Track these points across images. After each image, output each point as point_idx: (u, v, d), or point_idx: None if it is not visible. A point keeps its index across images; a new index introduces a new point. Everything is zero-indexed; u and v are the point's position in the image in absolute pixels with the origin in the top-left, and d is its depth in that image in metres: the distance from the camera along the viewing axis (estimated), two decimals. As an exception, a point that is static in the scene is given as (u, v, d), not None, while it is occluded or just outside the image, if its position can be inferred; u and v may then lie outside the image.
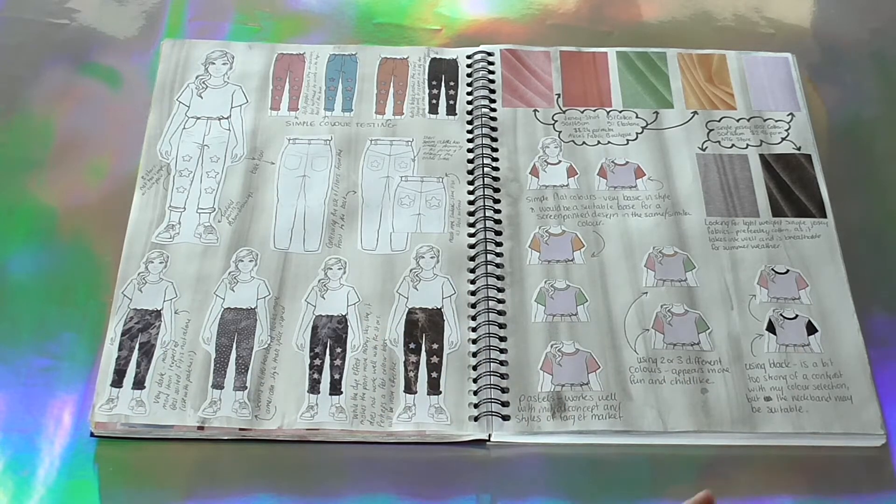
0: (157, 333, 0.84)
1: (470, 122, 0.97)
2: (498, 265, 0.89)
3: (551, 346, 0.84)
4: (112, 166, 0.95)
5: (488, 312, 0.86)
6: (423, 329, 0.86)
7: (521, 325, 0.85)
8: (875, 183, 0.95)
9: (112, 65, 1.02)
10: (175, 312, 0.85)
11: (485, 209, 0.92)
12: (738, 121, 0.97)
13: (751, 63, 1.01)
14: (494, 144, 0.96)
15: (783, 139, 0.96)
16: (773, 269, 0.88)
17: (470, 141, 0.96)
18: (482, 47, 1.02)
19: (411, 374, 0.83)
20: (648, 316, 0.86)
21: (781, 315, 0.85)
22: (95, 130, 0.97)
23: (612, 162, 0.95)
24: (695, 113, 0.98)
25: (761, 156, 0.95)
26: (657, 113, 0.98)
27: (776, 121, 0.97)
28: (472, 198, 0.93)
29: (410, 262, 0.89)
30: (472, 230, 0.91)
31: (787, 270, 0.88)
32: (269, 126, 0.97)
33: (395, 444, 0.81)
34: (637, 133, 0.97)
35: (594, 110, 0.98)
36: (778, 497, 0.80)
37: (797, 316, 0.85)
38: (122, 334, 0.84)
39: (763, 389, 0.82)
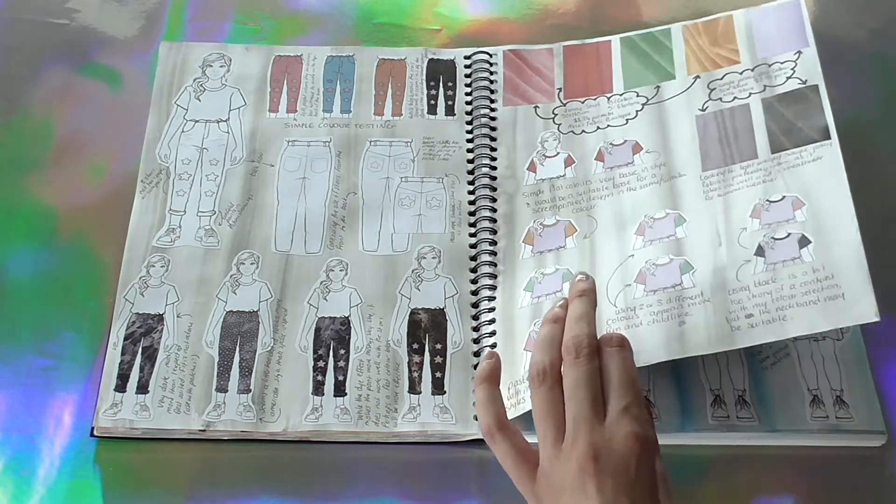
0: (160, 337, 0.84)
1: (469, 122, 0.97)
2: (493, 264, 0.89)
3: (534, 325, 0.83)
4: (112, 166, 0.95)
5: (489, 312, 0.86)
6: (427, 329, 0.86)
7: (507, 316, 0.85)
8: (875, 183, 0.95)
9: (112, 65, 1.02)
10: (177, 316, 0.86)
11: (483, 209, 0.92)
12: (741, 73, 0.94)
13: (758, 16, 0.97)
14: (493, 144, 0.96)
15: (788, 78, 0.92)
16: (767, 200, 0.85)
17: (469, 141, 0.96)
18: (484, 49, 1.01)
19: (415, 374, 0.84)
20: (632, 274, 0.84)
21: (772, 238, 0.82)
22: (95, 131, 0.97)
23: (610, 144, 0.94)
24: (696, 77, 0.95)
25: (763, 100, 0.92)
26: (658, 87, 0.96)
27: (782, 63, 0.93)
28: (472, 198, 0.93)
29: (412, 263, 0.89)
30: (473, 230, 0.91)
31: (783, 197, 0.85)
32: (268, 128, 0.97)
33: (397, 445, 0.82)
34: (637, 111, 0.95)
35: (595, 98, 0.97)
36: (778, 497, 0.80)
37: (789, 234, 0.82)
38: (125, 339, 0.84)
39: (745, 309, 0.79)
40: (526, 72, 1.00)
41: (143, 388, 0.82)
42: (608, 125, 0.95)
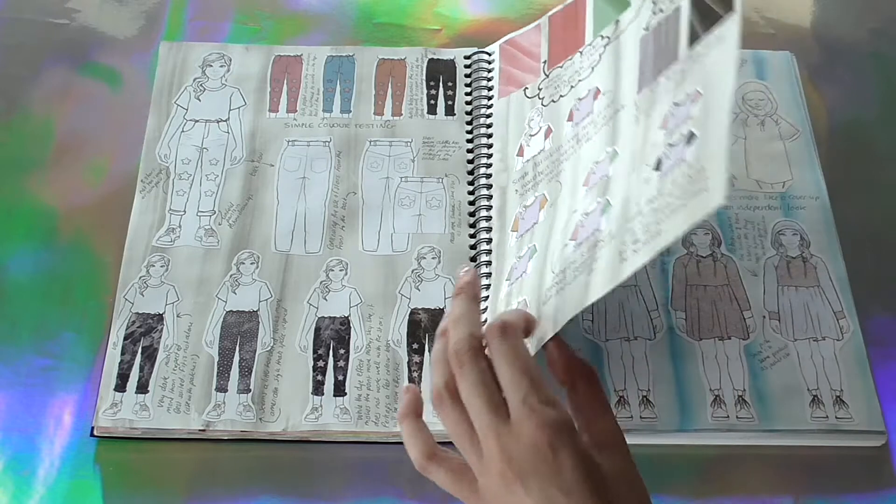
0: (160, 337, 0.84)
1: (469, 122, 0.97)
2: (488, 262, 0.88)
3: None
4: (112, 166, 0.95)
5: (487, 311, 0.86)
6: (427, 329, 0.86)
7: (495, 311, 0.84)
8: (875, 183, 0.95)
9: (112, 65, 1.02)
10: (177, 316, 0.85)
11: (482, 209, 0.91)
12: None
13: None
14: (490, 141, 0.95)
15: None
16: (674, 103, 0.73)
17: (469, 141, 0.96)
18: (484, 49, 1.01)
19: (415, 374, 0.84)
20: (570, 231, 0.79)
21: (668, 145, 0.71)
22: (95, 131, 0.97)
23: (577, 100, 0.89)
24: None
25: None
26: (618, 21, 0.88)
27: None
28: (472, 198, 0.93)
29: (412, 263, 0.89)
30: (473, 230, 0.91)
31: (686, 95, 0.72)
32: (268, 128, 0.97)
33: (397, 445, 0.82)
34: (600, 55, 0.89)
35: (570, 59, 0.92)
36: (778, 497, 0.80)
37: (681, 136, 0.70)
38: (125, 338, 0.84)
39: (634, 235, 0.70)
40: (518, 57, 0.98)
41: (142, 388, 0.82)
42: (579, 81, 0.90)
